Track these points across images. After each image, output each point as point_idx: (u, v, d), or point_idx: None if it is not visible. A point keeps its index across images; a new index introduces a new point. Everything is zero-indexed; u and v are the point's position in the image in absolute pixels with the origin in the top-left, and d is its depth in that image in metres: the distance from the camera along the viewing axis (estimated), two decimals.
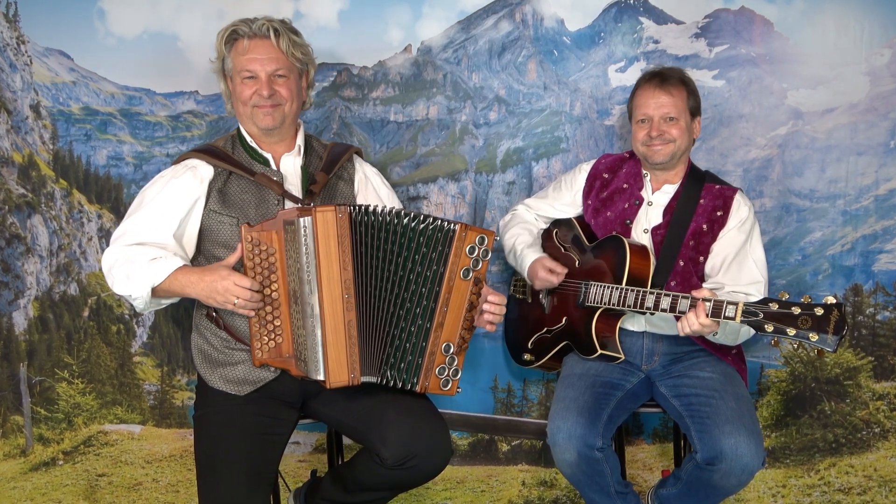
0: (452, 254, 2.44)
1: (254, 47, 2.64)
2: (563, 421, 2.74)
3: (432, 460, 2.57)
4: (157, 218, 2.57)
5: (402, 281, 2.47)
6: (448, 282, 2.45)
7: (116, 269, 2.50)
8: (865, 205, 3.45)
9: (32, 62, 3.33)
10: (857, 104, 3.40)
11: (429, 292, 2.46)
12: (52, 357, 3.47)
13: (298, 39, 2.72)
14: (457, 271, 2.44)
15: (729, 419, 2.65)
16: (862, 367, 3.53)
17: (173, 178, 2.64)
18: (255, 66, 2.64)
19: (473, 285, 2.47)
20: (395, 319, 2.48)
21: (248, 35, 2.65)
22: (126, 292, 2.49)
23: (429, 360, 2.48)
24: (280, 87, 2.67)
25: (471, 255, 2.44)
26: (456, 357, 2.51)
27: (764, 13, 3.38)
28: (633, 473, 3.62)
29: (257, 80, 2.65)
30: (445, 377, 2.51)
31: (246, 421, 2.57)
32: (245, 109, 2.69)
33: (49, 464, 3.52)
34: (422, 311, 2.47)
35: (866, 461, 3.55)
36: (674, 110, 2.89)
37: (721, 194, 2.93)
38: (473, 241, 2.44)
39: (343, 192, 2.81)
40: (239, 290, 2.38)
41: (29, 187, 3.39)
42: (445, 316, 2.47)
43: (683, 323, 2.59)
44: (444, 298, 2.45)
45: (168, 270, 2.44)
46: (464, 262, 2.44)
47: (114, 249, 2.54)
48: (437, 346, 2.48)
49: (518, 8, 3.43)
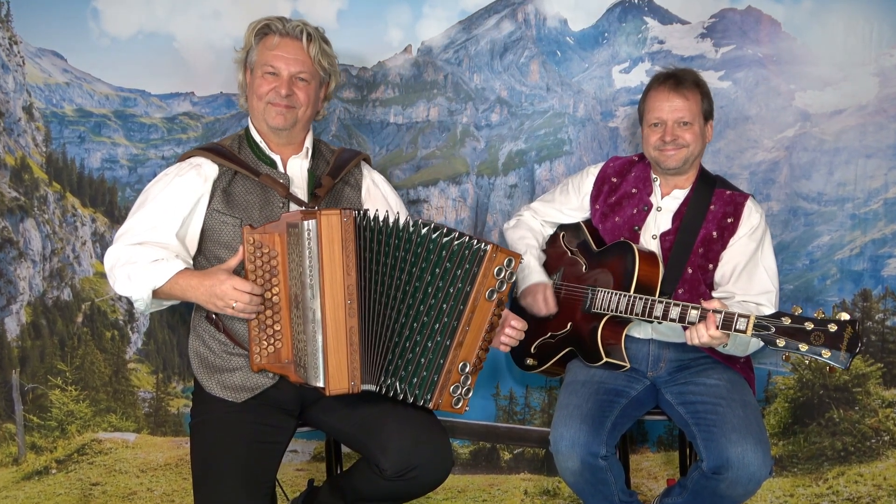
0: (481, 274, 2.41)
1: (283, 45, 2.66)
2: (566, 429, 2.72)
3: (433, 472, 2.55)
4: (160, 217, 2.57)
5: (417, 292, 2.46)
6: (473, 301, 2.42)
7: (118, 269, 2.50)
8: (874, 208, 3.45)
9: (25, 63, 3.30)
10: (866, 106, 3.40)
11: (451, 310, 2.44)
12: (44, 364, 3.45)
13: (328, 49, 2.75)
14: (483, 292, 2.42)
15: (736, 427, 2.63)
16: (871, 373, 3.52)
17: (177, 175, 2.63)
18: (280, 63, 2.65)
19: (496, 307, 2.45)
20: (403, 330, 2.47)
21: (280, 32, 2.66)
22: (127, 293, 2.49)
23: (445, 378, 2.46)
24: (299, 91, 2.67)
25: (497, 276, 2.42)
26: (470, 377, 2.49)
27: (771, 13, 3.37)
28: (637, 482, 3.60)
29: (278, 78, 2.65)
30: (458, 395, 2.49)
31: (243, 428, 2.55)
32: (259, 104, 2.68)
33: (42, 472, 3.50)
34: (441, 328, 2.45)
35: (875, 470, 3.55)
36: (688, 114, 2.86)
37: (732, 200, 2.91)
38: (502, 263, 2.42)
39: (349, 198, 2.80)
40: (237, 293, 2.36)
41: (21, 190, 3.36)
42: (466, 335, 2.44)
43: (692, 333, 2.57)
44: (468, 318, 2.43)
45: (169, 274, 2.44)
46: (490, 283, 2.42)
47: (116, 248, 2.54)
48: (455, 365, 2.45)
49: (520, 8, 3.42)
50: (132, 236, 2.54)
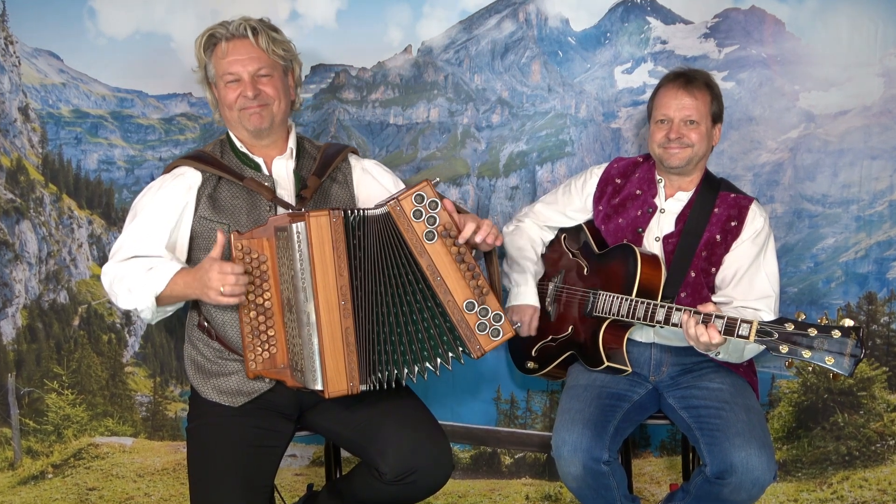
0: (402, 229, 2.42)
1: (233, 49, 2.61)
2: (568, 433, 2.72)
3: (433, 476, 2.56)
4: (148, 230, 2.57)
5: (391, 279, 2.46)
6: (420, 256, 2.43)
7: (116, 285, 2.51)
8: (880, 210, 3.43)
9: (21, 63, 3.29)
10: (871, 107, 3.38)
11: (414, 277, 2.45)
12: (41, 367, 3.44)
13: (279, 36, 2.68)
14: (420, 242, 2.42)
15: (739, 432, 2.63)
16: (876, 377, 3.51)
17: (161, 188, 2.63)
18: (237, 67, 2.60)
19: (446, 240, 2.43)
20: (400, 318, 2.47)
21: (225, 37, 2.62)
22: (131, 306, 2.49)
23: (463, 329, 2.46)
24: (265, 87, 2.63)
25: (419, 218, 2.41)
26: (487, 306, 2.47)
27: (775, 13, 3.34)
28: (640, 487, 3.59)
29: (241, 83, 2.61)
30: (491, 329, 2.47)
31: (240, 433, 2.56)
32: (232, 114, 2.65)
33: (38, 477, 3.49)
34: (422, 296, 2.46)
35: (881, 474, 3.54)
36: (695, 114, 2.85)
37: (736, 203, 2.90)
38: (414, 206, 2.41)
39: (337, 196, 2.77)
40: (222, 276, 2.34)
41: (17, 192, 3.35)
42: (445, 284, 2.44)
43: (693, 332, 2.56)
44: (431, 272, 2.43)
45: (167, 276, 2.44)
46: (420, 229, 2.41)
47: (111, 266, 2.55)
48: (461, 313, 2.45)
49: (521, 7, 3.40)
50: (124, 252, 2.56)
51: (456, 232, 2.45)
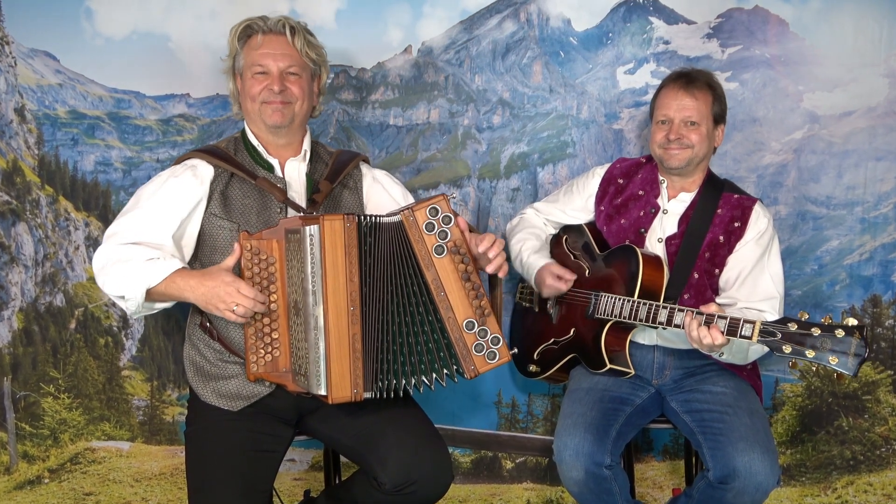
0: (412, 240, 2.40)
1: (267, 42, 2.63)
2: (569, 437, 2.72)
3: (432, 486, 2.56)
4: (155, 217, 2.52)
5: (397, 288, 2.44)
6: (427, 269, 2.41)
7: (110, 267, 2.44)
8: (884, 212, 3.43)
9: (17, 63, 3.27)
10: (876, 107, 3.38)
11: (419, 289, 2.43)
12: (37, 371, 3.42)
13: (314, 40, 2.72)
14: (429, 254, 2.40)
15: (743, 436, 2.63)
16: (881, 381, 3.51)
17: (172, 177, 2.59)
18: (268, 60, 2.62)
19: (455, 257, 2.42)
20: (402, 328, 2.45)
21: (262, 30, 2.65)
22: (119, 292, 2.44)
23: (460, 348, 2.44)
24: (292, 85, 2.64)
25: (432, 231, 2.40)
26: (486, 327, 2.45)
27: (779, 13, 3.35)
28: (642, 492, 3.59)
29: (269, 76, 2.62)
30: (488, 351, 2.46)
31: (239, 437, 2.55)
32: (253, 106, 2.65)
33: (34, 482, 3.47)
34: (424, 310, 2.44)
35: (885, 479, 3.54)
36: (696, 114, 2.85)
37: (739, 204, 2.90)
38: (427, 218, 2.40)
39: (347, 202, 2.77)
40: (241, 297, 2.33)
41: (13, 194, 3.33)
42: (448, 300, 2.42)
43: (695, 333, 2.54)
44: (435, 286, 2.42)
45: (166, 272, 2.39)
46: (430, 242, 2.40)
47: (106, 247, 2.48)
48: (460, 331, 2.43)
49: (522, 7, 3.39)
50: (124, 236, 2.49)
51: (466, 250, 2.44)
